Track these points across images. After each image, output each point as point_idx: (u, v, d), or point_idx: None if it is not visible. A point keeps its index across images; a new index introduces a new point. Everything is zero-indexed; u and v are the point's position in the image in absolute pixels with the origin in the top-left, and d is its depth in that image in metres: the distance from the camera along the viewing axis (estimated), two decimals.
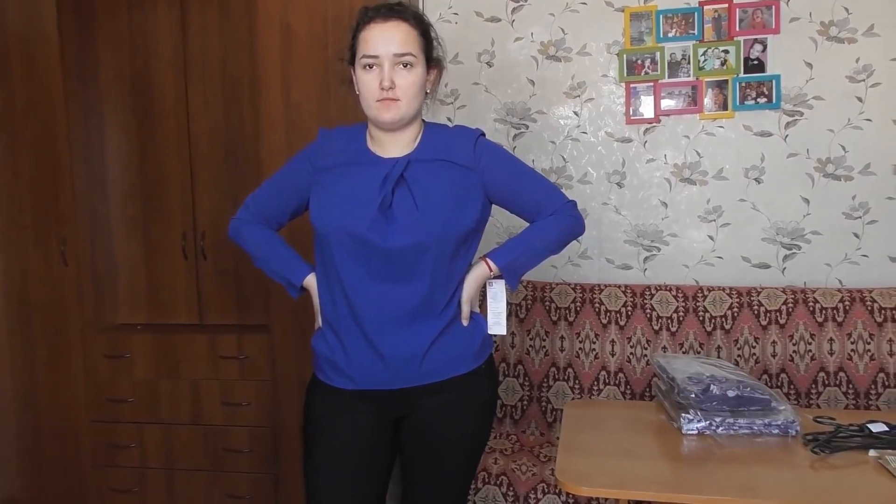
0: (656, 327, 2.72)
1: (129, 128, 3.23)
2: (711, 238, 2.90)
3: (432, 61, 1.74)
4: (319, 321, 1.81)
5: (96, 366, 3.10)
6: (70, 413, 3.12)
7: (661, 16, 2.88)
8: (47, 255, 3.07)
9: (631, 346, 2.73)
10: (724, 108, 2.86)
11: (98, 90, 3.21)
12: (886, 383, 2.51)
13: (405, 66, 1.66)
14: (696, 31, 2.86)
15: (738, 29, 2.82)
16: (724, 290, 2.73)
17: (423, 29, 1.71)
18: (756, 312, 2.65)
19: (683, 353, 2.67)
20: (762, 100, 2.82)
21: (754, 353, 2.62)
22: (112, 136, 3.24)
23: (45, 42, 2.98)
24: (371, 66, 1.66)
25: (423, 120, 1.79)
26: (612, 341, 2.74)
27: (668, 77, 2.89)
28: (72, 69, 3.06)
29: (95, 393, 3.11)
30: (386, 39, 1.65)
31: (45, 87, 3.00)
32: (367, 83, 1.67)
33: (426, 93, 1.74)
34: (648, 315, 2.74)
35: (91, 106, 3.18)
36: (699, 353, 2.66)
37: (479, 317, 1.82)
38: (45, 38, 2.98)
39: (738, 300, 2.69)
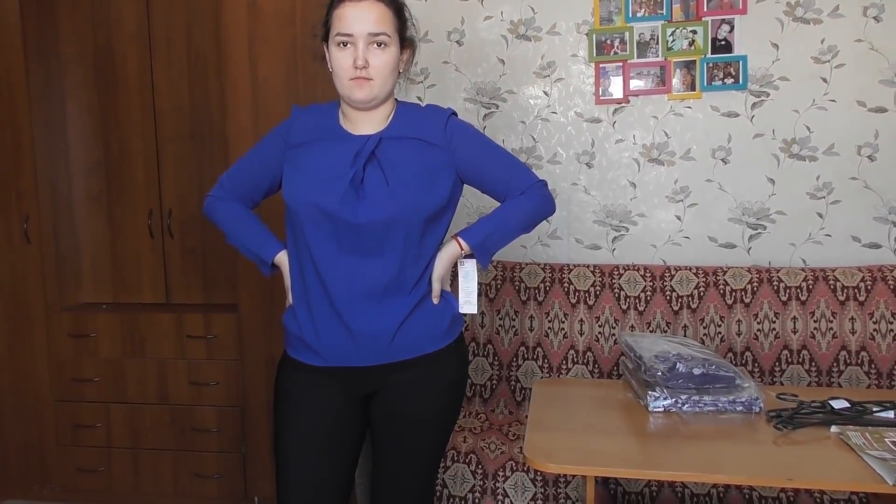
0: (624, 307, 2.75)
1: (91, 104, 3.18)
2: (679, 218, 2.93)
3: (406, 41, 1.74)
4: (290, 298, 1.81)
5: (60, 345, 3.07)
6: (34, 393, 3.09)
7: None
8: (9, 232, 3.02)
9: (599, 326, 2.75)
10: (692, 88, 2.87)
11: (60, 65, 3.15)
12: (848, 361, 2.56)
13: (379, 46, 1.66)
14: (664, 12, 2.86)
15: (705, 9, 2.83)
16: (690, 269, 2.76)
17: (398, 9, 1.72)
18: (722, 292, 2.69)
19: (651, 332, 2.70)
20: (729, 80, 2.84)
21: (720, 332, 2.66)
22: (74, 112, 3.19)
23: (6, 16, 2.91)
24: (345, 45, 1.66)
25: (395, 99, 1.79)
26: (581, 321, 2.76)
27: (637, 57, 2.90)
28: (33, 44, 3.00)
29: (59, 373, 3.07)
30: (361, 18, 1.64)
31: (5, 62, 2.94)
32: (341, 61, 1.66)
33: (399, 72, 1.74)
34: (617, 295, 2.76)
35: (52, 82, 3.11)
36: (666, 331, 2.70)
37: (450, 295, 1.82)
38: (6, 12, 2.91)
39: (704, 280, 2.72)
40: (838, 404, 1.80)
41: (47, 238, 3.06)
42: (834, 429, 1.72)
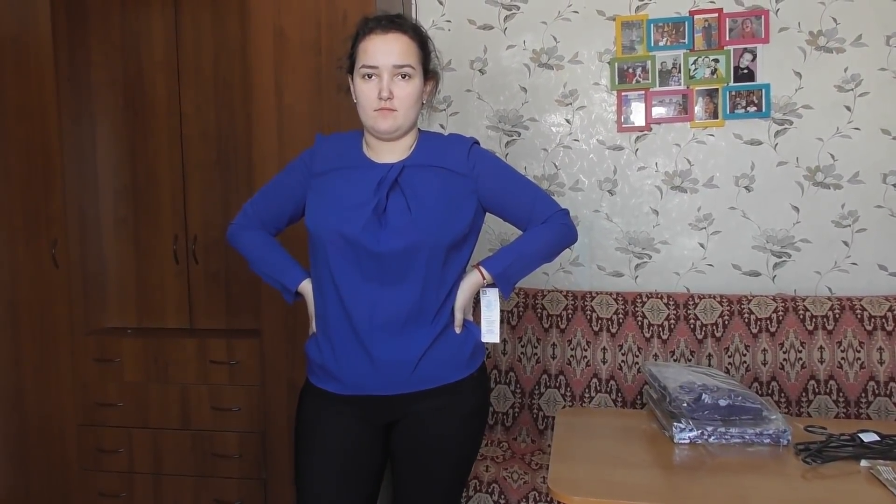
0: (647, 335, 2.73)
1: (120, 130, 3.22)
2: (702, 246, 2.91)
3: (429, 72, 1.77)
4: (314, 327, 1.81)
5: (85, 369, 3.08)
6: (57, 416, 3.10)
7: (651, 25, 2.89)
8: (37, 256, 3.04)
9: (622, 354, 2.73)
10: (715, 116, 2.87)
11: (90, 92, 3.19)
12: (877, 391, 2.53)
13: (403, 77, 1.68)
14: (686, 40, 2.87)
15: (727, 38, 2.84)
16: (714, 297, 2.74)
17: (422, 41, 1.74)
18: (746, 320, 2.67)
19: (674, 360, 2.68)
20: (752, 108, 2.84)
21: (745, 361, 2.64)
22: (104, 138, 3.23)
23: (39, 43, 2.96)
24: (370, 76, 1.68)
25: (418, 128, 1.80)
26: (604, 349, 2.75)
27: (659, 85, 2.91)
28: (64, 71, 3.04)
29: (84, 396, 3.08)
30: (386, 51, 1.67)
31: (37, 88, 2.98)
32: (366, 92, 1.68)
33: (422, 103, 1.76)
34: (640, 322, 2.75)
35: (83, 108, 3.16)
36: (690, 360, 2.67)
37: (472, 324, 1.82)
38: (39, 39, 2.96)
39: (728, 308, 2.70)
40: (868, 437, 1.77)
41: (74, 262, 3.08)
42: (864, 463, 1.69)
